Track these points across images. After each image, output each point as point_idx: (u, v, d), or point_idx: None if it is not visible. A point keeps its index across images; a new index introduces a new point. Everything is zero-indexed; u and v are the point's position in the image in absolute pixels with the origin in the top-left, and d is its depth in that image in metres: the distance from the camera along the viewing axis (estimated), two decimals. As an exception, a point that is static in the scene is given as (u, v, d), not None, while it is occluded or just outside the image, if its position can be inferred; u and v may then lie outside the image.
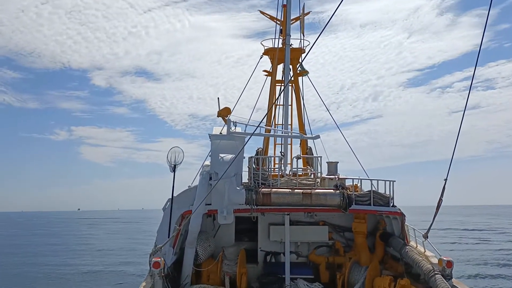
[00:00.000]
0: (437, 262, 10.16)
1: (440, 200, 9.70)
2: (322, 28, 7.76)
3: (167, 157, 12.10)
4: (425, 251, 11.01)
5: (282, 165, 14.52)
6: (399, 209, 12.06)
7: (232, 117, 12.15)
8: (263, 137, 18.20)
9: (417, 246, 11.46)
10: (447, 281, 9.51)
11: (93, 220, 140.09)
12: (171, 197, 11.93)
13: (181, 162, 12.14)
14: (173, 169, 12.05)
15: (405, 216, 12.10)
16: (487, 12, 6.91)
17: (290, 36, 17.29)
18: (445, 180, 9.44)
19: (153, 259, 9.97)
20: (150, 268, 10.25)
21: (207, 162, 12.30)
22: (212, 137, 12.08)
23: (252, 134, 11.94)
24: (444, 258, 10.03)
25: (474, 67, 7.73)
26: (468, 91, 8.23)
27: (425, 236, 10.83)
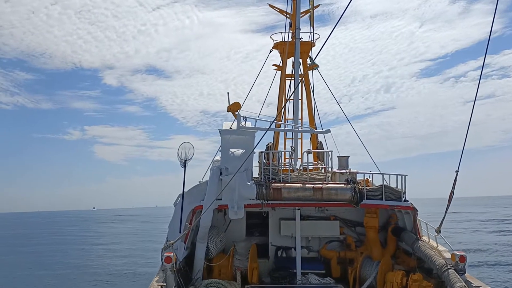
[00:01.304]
0: (450, 257, 10.05)
1: (452, 192, 9.59)
2: (336, 23, 7.63)
3: (178, 152, 12.14)
4: (437, 246, 10.91)
5: (292, 159, 14.48)
6: (411, 203, 11.95)
7: (242, 112, 12.12)
8: (273, 132, 18.17)
9: (429, 241, 11.36)
10: (460, 276, 9.41)
11: (107, 218, 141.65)
12: (182, 192, 11.98)
13: (191, 158, 12.16)
14: (184, 165, 12.08)
15: (417, 210, 11.99)
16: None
17: (299, 29, 17.15)
18: (457, 172, 9.32)
19: (165, 254, 10.02)
20: (162, 262, 10.30)
21: (218, 157, 12.31)
22: (222, 132, 12.07)
23: (263, 129, 11.89)
24: (457, 253, 9.91)
25: (488, 55, 7.58)
26: (479, 81, 8.08)
27: (438, 231, 10.72)
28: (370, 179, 13.24)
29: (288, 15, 18.90)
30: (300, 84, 17.92)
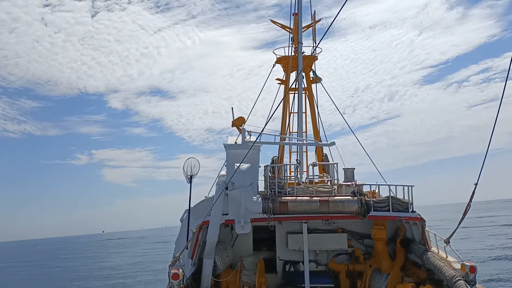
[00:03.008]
0: (459, 268, 9.93)
1: (468, 205, 9.49)
2: (325, 32, 7.71)
3: (183, 168, 12.16)
4: (447, 257, 10.79)
5: (298, 173, 14.46)
6: (419, 214, 11.86)
7: (247, 127, 12.17)
8: (278, 146, 18.19)
9: (438, 252, 11.24)
10: (470, 287, 9.29)
11: (117, 241, 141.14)
12: (188, 208, 11.97)
13: (197, 173, 12.18)
14: (190, 180, 12.09)
15: (425, 221, 11.89)
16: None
17: (302, 44, 17.30)
18: (475, 184, 9.23)
19: (172, 271, 9.96)
20: (169, 279, 10.26)
21: (223, 172, 12.31)
22: (227, 147, 12.10)
23: (267, 143, 11.93)
24: (467, 263, 9.79)
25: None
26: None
27: (447, 241, 10.62)
28: (376, 191, 13.18)
29: (290, 30, 19.10)
30: (304, 98, 18.00)
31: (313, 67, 19.25)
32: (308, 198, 11.52)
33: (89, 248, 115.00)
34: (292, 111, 18.55)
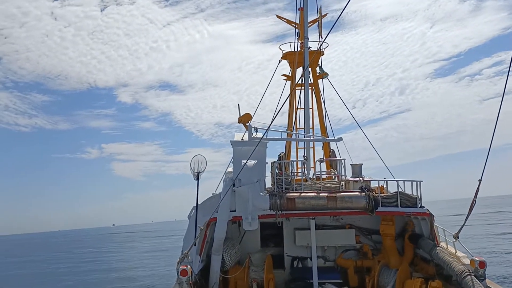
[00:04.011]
0: (469, 263, 9.87)
1: (474, 201, 9.45)
2: (332, 27, 7.64)
3: (190, 165, 12.19)
4: (456, 252, 10.73)
5: (305, 169, 14.43)
6: (427, 209, 11.79)
7: (254, 123, 12.15)
8: (285, 142, 18.17)
9: (447, 247, 11.18)
10: (480, 282, 9.23)
11: (127, 235, 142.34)
12: (195, 205, 12.00)
13: (204, 170, 12.20)
14: (197, 177, 12.12)
15: (434, 216, 11.83)
16: None
17: (308, 39, 17.22)
18: (479, 181, 9.18)
19: (180, 267, 10.01)
20: (177, 276, 10.30)
21: (230, 169, 12.32)
22: (234, 143, 12.10)
23: (274, 139, 11.91)
24: (477, 259, 9.73)
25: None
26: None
27: (456, 236, 10.55)
28: (384, 186, 13.13)
29: (296, 25, 19.01)
30: (310, 93, 17.94)
31: (319, 62, 19.16)
32: (316, 194, 11.51)
33: (100, 241, 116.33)
34: (299, 107, 18.52)
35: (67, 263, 53.29)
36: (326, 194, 11.45)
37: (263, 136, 11.27)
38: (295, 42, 18.87)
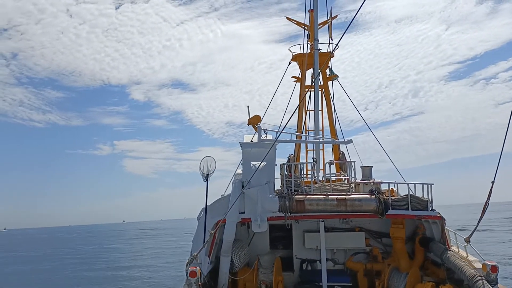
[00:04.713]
0: (481, 267, 9.74)
1: (486, 204, 9.32)
2: (346, 28, 7.57)
3: (200, 167, 12.19)
4: (467, 256, 10.60)
5: (314, 171, 14.37)
6: (439, 213, 11.67)
7: (263, 124, 12.13)
8: (294, 144, 18.13)
9: (459, 251, 11.05)
10: (492, 286, 9.10)
11: (137, 232, 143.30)
12: (205, 206, 12.01)
13: (213, 172, 12.21)
14: (206, 179, 12.13)
15: (445, 220, 11.70)
16: None
17: (318, 41, 17.18)
18: (492, 182, 9.06)
19: (189, 268, 10.03)
20: (186, 277, 10.32)
21: (239, 171, 12.32)
22: (243, 145, 12.09)
23: (283, 141, 11.88)
24: (489, 263, 9.60)
25: None
26: None
27: (467, 240, 10.42)
28: (395, 189, 13.02)
29: (306, 27, 18.98)
30: (320, 95, 17.89)
31: (329, 64, 19.11)
32: (325, 196, 11.44)
33: (110, 237, 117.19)
34: (309, 109, 18.47)
35: (79, 259, 53.85)
36: (336, 196, 11.38)
37: (276, 139, 11.22)
38: (304, 44, 18.85)
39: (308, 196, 11.45)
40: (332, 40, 18.94)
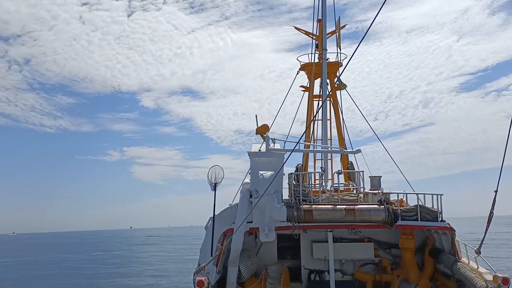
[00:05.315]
0: (491, 279, 9.59)
1: (491, 213, 9.24)
2: (361, 39, 7.60)
3: (208, 176, 12.22)
4: (478, 268, 10.44)
5: (323, 181, 14.32)
6: (448, 223, 11.54)
7: (271, 134, 12.15)
8: (302, 153, 18.10)
9: (469, 262, 10.89)
10: None
11: (145, 238, 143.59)
12: (212, 215, 12.00)
13: (221, 181, 12.21)
14: (214, 188, 12.13)
15: (455, 231, 11.57)
16: None
17: (326, 50, 17.22)
18: (495, 192, 9.00)
19: (197, 278, 10.00)
20: (194, 286, 10.28)
21: (247, 180, 12.31)
22: (251, 154, 12.10)
23: (291, 151, 11.86)
24: (500, 275, 9.44)
25: None
26: None
27: (478, 252, 10.28)
28: (404, 199, 12.92)
29: (314, 37, 19.04)
30: (328, 105, 17.89)
31: (337, 74, 19.13)
32: (333, 206, 11.38)
33: (117, 243, 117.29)
34: (317, 118, 18.46)
35: (92, 264, 54.01)
36: (344, 206, 11.31)
37: (287, 155, 11.19)
38: (312, 53, 18.90)
39: (316, 206, 11.40)
40: (340, 49, 18.97)
